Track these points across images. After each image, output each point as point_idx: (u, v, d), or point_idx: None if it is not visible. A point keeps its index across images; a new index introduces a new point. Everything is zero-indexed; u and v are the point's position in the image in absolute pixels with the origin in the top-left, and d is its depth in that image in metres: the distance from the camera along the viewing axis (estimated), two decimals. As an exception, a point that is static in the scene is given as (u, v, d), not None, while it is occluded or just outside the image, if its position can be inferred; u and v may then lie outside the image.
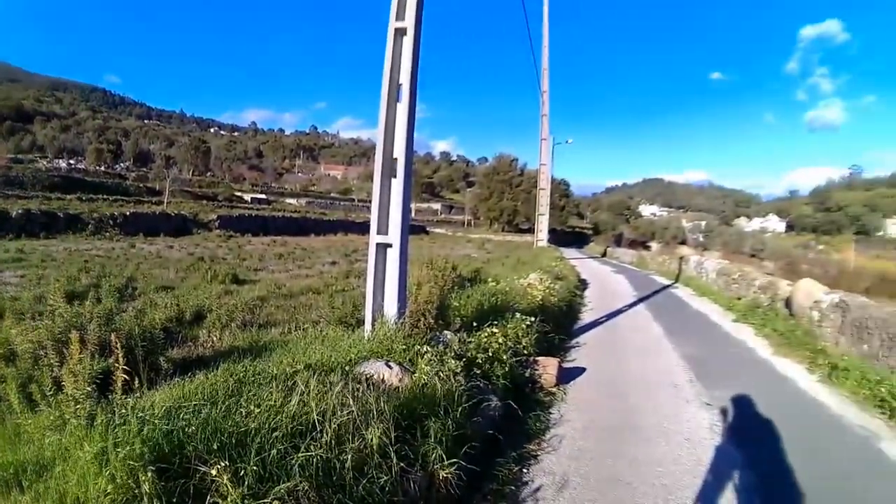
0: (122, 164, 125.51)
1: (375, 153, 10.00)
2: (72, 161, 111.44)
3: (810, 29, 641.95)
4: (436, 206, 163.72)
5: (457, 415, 6.52)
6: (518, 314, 11.94)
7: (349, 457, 4.97)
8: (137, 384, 5.60)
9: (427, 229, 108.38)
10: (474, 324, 10.62)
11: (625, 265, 49.48)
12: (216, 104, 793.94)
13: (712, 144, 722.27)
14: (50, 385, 5.55)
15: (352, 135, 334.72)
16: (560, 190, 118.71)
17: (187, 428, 4.85)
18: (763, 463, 7.16)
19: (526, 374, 10.11)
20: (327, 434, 5.15)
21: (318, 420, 5.35)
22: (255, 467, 4.43)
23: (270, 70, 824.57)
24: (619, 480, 6.55)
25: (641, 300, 23.67)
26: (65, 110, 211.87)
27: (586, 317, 18.87)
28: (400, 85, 9.78)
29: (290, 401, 5.63)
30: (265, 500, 4.19)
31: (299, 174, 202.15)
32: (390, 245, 9.78)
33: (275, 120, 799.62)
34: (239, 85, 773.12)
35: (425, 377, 7.26)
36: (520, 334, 11.04)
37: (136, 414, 4.88)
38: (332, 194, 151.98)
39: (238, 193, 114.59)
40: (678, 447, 7.63)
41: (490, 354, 9.33)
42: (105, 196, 74.48)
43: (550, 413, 9.03)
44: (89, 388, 5.22)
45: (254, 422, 5.11)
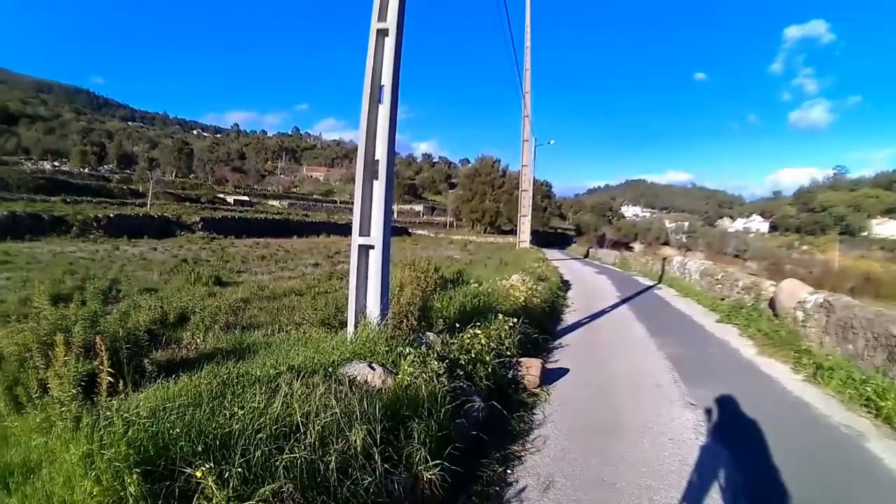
0: (107, 166, 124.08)
1: (357, 155, 10.04)
2: (56, 163, 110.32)
3: (795, 29, 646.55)
4: (418, 208, 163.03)
5: (440, 416, 6.54)
6: (501, 315, 12.02)
7: (333, 458, 4.99)
8: (122, 386, 5.53)
9: (409, 231, 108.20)
10: (457, 325, 10.69)
11: (608, 266, 49.43)
12: (199, 106, 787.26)
13: (695, 146, 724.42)
14: (36, 387, 5.58)
15: (334, 136, 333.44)
16: (542, 191, 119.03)
17: (172, 430, 4.86)
18: (748, 463, 7.17)
19: (509, 376, 10.09)
20: (311, 435, 5.18)
21: (302, 422, 5.37)
22: (240, 469, 4.46)
23: (253, 72, 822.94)
24: (604, 481, 6.57)
25: (624, 301, 23.59)
26: (49, 112, 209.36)
27: (569, 318, 18.89)
28: (382, 86, 9.82)
29: (274, 402, 5.65)
30: (250, 502, 4.22)
31: (282, 176, 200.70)
32: (372, 247, 9.84)
33: (257, 122, 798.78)
34: (221, 87, 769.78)
35: (408, 378, 7.28)
36: (503, 335, 11.13)
37: (121, 416, 4.88)
38: (315, 196, 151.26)
39: (221, 195, 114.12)
40: (662, 447, 7.63)
41: (473, 356, 9.37)
42: (89, 198, 74.17)
43: (534, 414, 9.00)
44: (75, 391, 5.24)
45: (238, 423, 5.12)
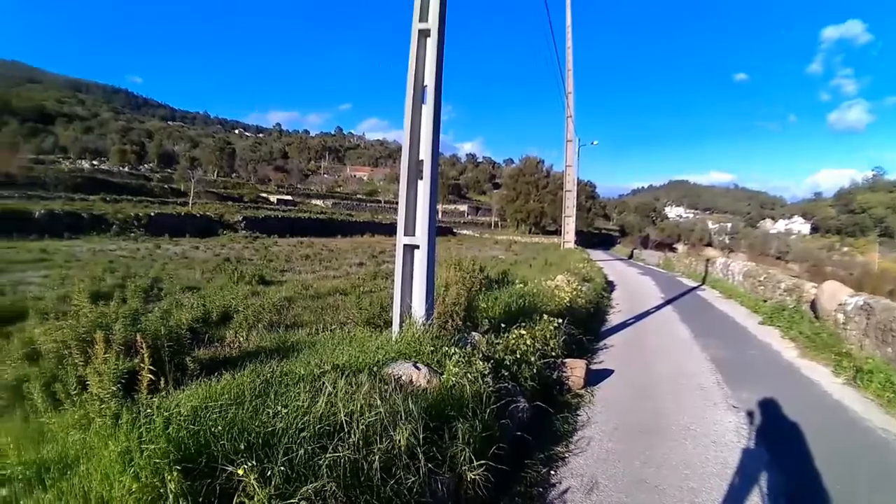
0: (147, 165, 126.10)
1: (401, 155, 10.06)
2: (95, 162, 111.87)
3: (832, 30, 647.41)
4: (462, 208, 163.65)
5: (485, 416, 6.56)
6: (546, 316, 12.04)
7: (377, 458, 4.99)
8: (163, 384, 5.60)
9: (454, 231, 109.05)
10: (502, 325, 10.74)
11: (651, 267, 49.69)
12: (240, 106, 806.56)
13: (737, 146, 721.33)
14: (75, 384, 5.64)
15: (378, 136, 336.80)
16: (586, 192, 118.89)
17: (213, 428, 4.89)
18: (789, 466, 7.21)
19: (554, 376, 10.18)
20: (355, 435, 5.17)
21: (346, 421, 5.37)
22: (283, 467, 4.46)
23: (295, 72, 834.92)
24: (647, 483, 6.64)
25: (668, 302, 23.89)
26: (87, 111, 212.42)
27: (614, 319, 19.07)
28: (425, 87, 9.84)
29: (318, 401, 5.67)
30: (292, 500, 4.22)
31: (325, 175, 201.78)
32: (417, 246, 9.86)
33: (299, 121, 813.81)
34: (263, 87, 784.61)
35: (453, 378, 7.30)
36: (547, 336, 11.17)
37: (162, 413, 4.90)
38: (359, 195, 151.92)
39: (264, 195, 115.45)
40: (705, 449, 7.72)
41: (518, 356, 9.40)
42: (129, 197, 75.39)
43: (578, 415, 9.13)
44: (114, 388, 5.31)
45: (281, 422, 5.16)
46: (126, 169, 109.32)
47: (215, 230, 64.13)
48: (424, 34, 9.84)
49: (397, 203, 10.17)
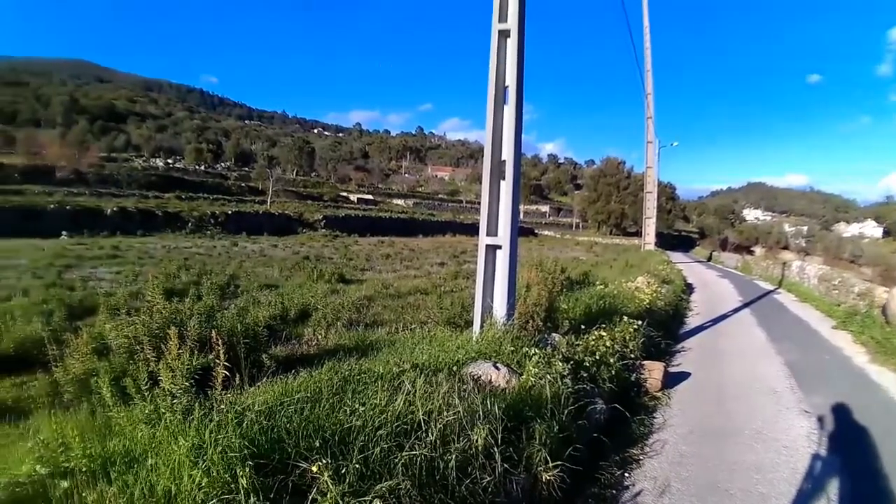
0: (224, 164, 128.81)
1: (484, 155, 10.17)
2: (169, 160, 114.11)
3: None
4: (544, 209, 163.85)
5: (562, 417, 6.61)
6: (625, 317, 12.15)
7: (453, 457, 5.00)
8: (238, 381, 5.71)
9: (535, 231, 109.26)
10: (582, 326, 10.84)
11: (729, 270, 50.06)
12: (320, 105, 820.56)
13: (812, 148, 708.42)
14: (145, 379, 5.72)
15: (459, 136, 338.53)
16: (667, 193, 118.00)
17: (288, 424, 4.94)
18: (859, 473, 7.24)
19: (632, 378, 10.25)
20: (432, 434, 5.20)
21: (424, 420, 5.41)
22: (358, 465, 4.46)
23: (375, 72, 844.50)
24: (718, 487, 6.74)
25: (745, 305, 24.11)
26: (160, 110, 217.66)
27: (692, 321, 19.27)
28: (506, 87, 9.90)
29: (396, 400, 5.69)
30: (365, 498, 4.21)
31: (406, 175, 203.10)
32: (499, 247, 9.95)
33: (380, 121, 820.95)
34: (344, 87, 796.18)
35: (532, 379, 7.33)
36: (627, 338, 11.22)
37: (236, 409, 4.99)
38: (440, 195, 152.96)
39: (344, 194, 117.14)
40: (776, 454, 7.79)
41: (597, 357, 9.44)
42: (206, 195, 77.12)
43: (654, 417, 9.30)
44: (187, 384, 5.34)
45: (358, 420, 5.17)
46: (202, 167, 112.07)
47: (294, 229, 65.38)
48: (504, 35, 9.90)
49: (479, 203, 10.24)
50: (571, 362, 8.45)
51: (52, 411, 6.02)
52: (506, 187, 9.81)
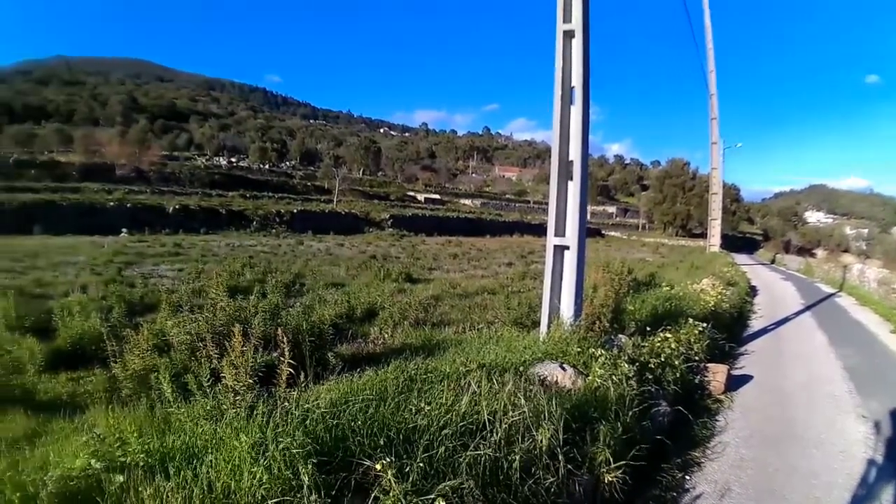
0: (288, 163, 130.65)
1: (551, 156, 10.26)
2: (233, 159, 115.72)
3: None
4: (610, 210, 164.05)
5: (626, 419, 6.71)
6: (691, 319, 12.26)
7: (517, 457, 5.04)
8: (303, 378, 5.75)
9: (602, 232, 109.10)
10: (647, 328, 10.91)
11: (792, 272, 50.32)
12: (386, 105, 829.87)
13: (871, 150, 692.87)
14: (208, 376, 5.79)
15: (526, 136, 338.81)
16: (731, 195, 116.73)
17: (353, 422, 4.98)
18: None
19: (696, 380, 10.39)
20: (497, 433, 5.22)
21: (489, 419, 5.43)
22: (422, 464, 4.49)
23: (441, 72, 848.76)
24: (775, 491, 6.90)
25: (807, 308, 24.38)
26: (223, 109, 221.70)
27: (755, 324, 19.40)
28: (572, 88, 9.98)
29: (462, 399, 5.74)
30: (428, 497, 4.22)
31: (474, 175, 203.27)
32: (567, 247, 10.04)
33: (446, 121, 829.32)
34: (410, 87, 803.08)
35: (598, 380, 7.46)
36: (692, 340, 11.34)
37: (300, 406, 5.07)
38: (508, 196, 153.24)
39: (411, 193, 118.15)
40: (833, 459, 7.94)
41: (663, 359, 9.55)
42: (270, 194, 78.36)
43: (717, 420, 9.47)
44: (250, 381, 5.42)
45: (423, 419, 5.22)
46: (266, 166, 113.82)
47: (361, 228, 66.05)
48: (569, 35, 9.97)
49: (546, 204, 10.34)
50: (637, 364, 8.60)
51: (109, 406, 6.12)
52: (573, 188, 9.92)
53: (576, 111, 9.88)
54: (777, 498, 6.70)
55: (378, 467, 4.25)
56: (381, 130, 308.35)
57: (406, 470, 4.39)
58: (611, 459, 5.83)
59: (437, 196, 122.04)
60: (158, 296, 15.15)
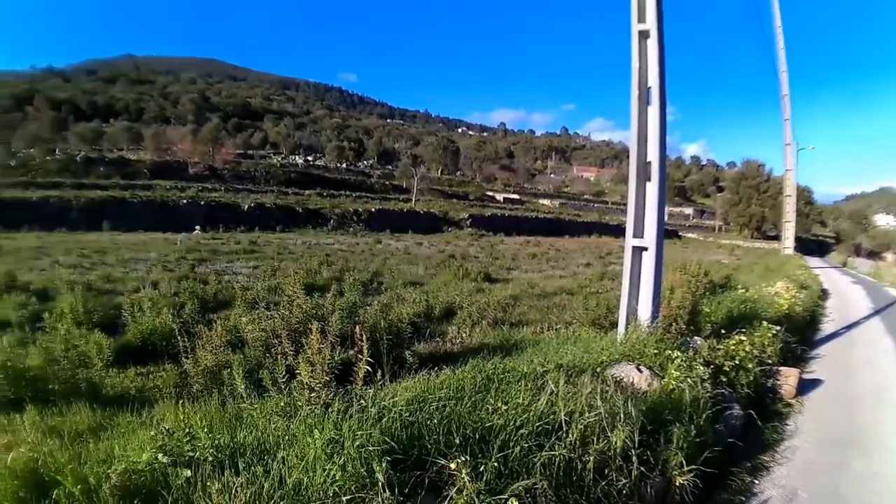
0: (366, 162, 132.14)
1: (629, 156, 10.30)
2: (309, 158, 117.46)
3: None
4: (687, 211, 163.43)
5: (700, 422, 6.77)
6: (764, 322, 12.15)
7: (592, 458, 5.07)
8: (380, 376, 5.82)
9: (679, 234, 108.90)
10: (722, 330, 11.04)
11: (863, 276, 49.21)
12: (463, 105, 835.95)
13: None
14: (283, 372, 5.89)
15: (603, 136, 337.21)
16: (804, 197, 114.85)
17: (429, 421, 5.04)
18: None
19: (768, 384, 10.43)
20: (573, 434, 5.24)
21: (566, 420, 5.43)
22: (496, 464, 4.51)
23: (519, 72, 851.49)
24: (840, 495, 7.05)
25: (876, 313, 24.20)
26: (298, 108, 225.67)
27: (826, 327, 19.35)
28: (649, 88, 10.03)
29: (539, 400, 5.75)
30: (502, 496, 4.24)
31: (552, 175, 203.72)
32: (645, 248, 10.09)
33: (524, 121, 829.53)
34: (487, 86, 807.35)
35: (673, 382, 7.56)
36: (765, 343, 11.36)
37: (377, 404, 5.12)
38: (586, 196, 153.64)
39: (489, 193, 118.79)
40: None
41: (737, 362, 9.57)
42: (348, 192, 79.46)
43: (787, 424, 9.54)
44: (327, 378, 5.47)
45: (500, 419, 5.24)
46: (343, 165, 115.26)
47: (439, 227, 66.72)
48: (644, 35, 9.99)
49: (625, 204, 10.46)
50: (712, 366, 8.72)
51: (179, 401, 6.21)
52: (652, 188, 9.99)
53: (653, 111, 9.95)
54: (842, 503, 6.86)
55: (452, 466, 4.29)
56: (459, 130, 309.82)
57: (480, 469, 4.41)
58: (683, 462, 5.86)
59: (516, 196, 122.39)
60: (232, 293, 15.69)
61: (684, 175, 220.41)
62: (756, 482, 7.22)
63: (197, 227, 46.14)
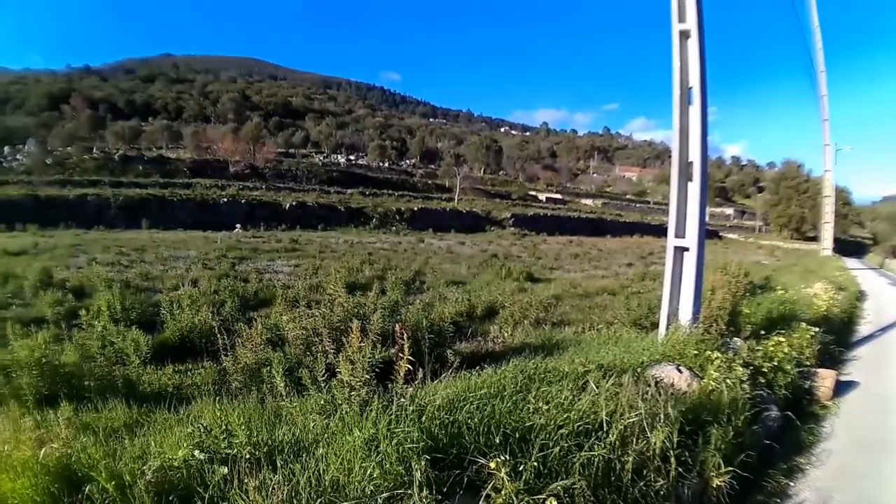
0: (408, 161, 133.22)
1: (671, 156, 10.38)
2: (351, 157, 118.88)
3: None
4: (728, 211, 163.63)
5: (738, 423, 6.84)
6: (803, 324, 12.29)
7: (631, 459, 5.10)
8: (421, 375, 5.81)
9: (720, 234, 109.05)
10: (762, 331, 10.96)
11: None
12: (506, 104, 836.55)
13: None
14: (323, 371, 5.92)
15: (645, 136, 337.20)
16: (842, 198, 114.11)
17: (469, 420, 5.04)
18: None
19: (805, 386, 10.42)
20: (613, 435, 5.26)
21: (606, 420, 5.44)
22: (535, 463, 4.52)
23: (562, 71, 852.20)
24: (874, 500, 7.15)
25: None
26: (339, 108, 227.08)
27: (862, 329, 19.16)
28: (690, 88, 10.04)
29: (580, 400, 5.76)
30: (540, 496, 4.24)
31: (594, 175, 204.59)
32: (687, 249, 10.13)
33: (566, 120, 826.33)
34: (530, 86, 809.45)
35: (713, 383, 7.61)
36: (803, 344, 11.34)
37: (416, 403, 5.15)
38: (628, 196, 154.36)
39: (532, 192, 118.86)
40: None
41: (775, 364, 9.61)
42: (390, 191, 79.93)
43: (823, 426, 9.57)
44: (367, 376, 5.50)
45: (540, 418, 5.23)
46: (386, 164, 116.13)
47: (482, 226, 67.09)
48: (685, 35, 10.02)
49: (666, 204, 10.47)
50: (751, 367, 8.84)
51: (217, 399, 6.31)
52: (693, 189, 10.02)
53: (694, 111, 9.98)
54: None
55: (492, 465, 4.29)
56: (502, 129, 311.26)
57: (520, 469, 4.42)
58: (721, 464, 5.90)
59: (559, 196, 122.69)
60: (273, 291, 15.78)
61: (725, 175, 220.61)
62: (791, 484, 7.28)
63: (238, 226, 46.56)
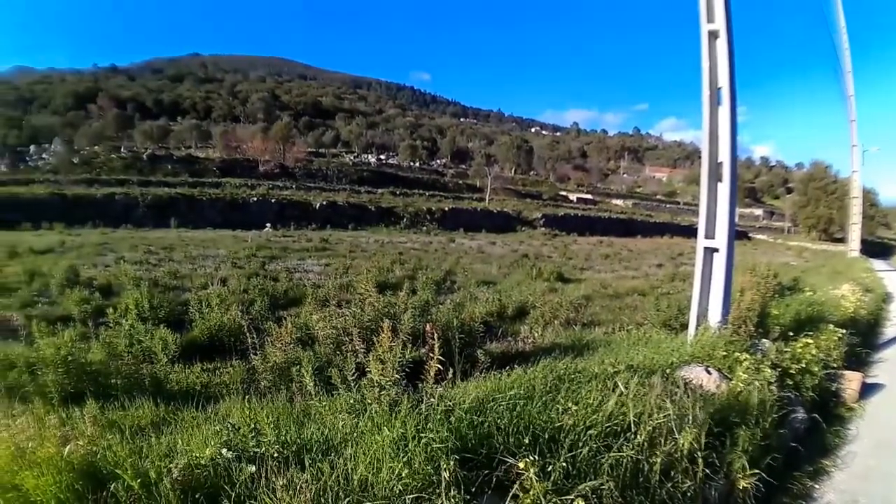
0: (439, 161, 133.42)
1: (701, 157, 10.47)
2: (382, 156, 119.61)
3: None
4: (757, 212, 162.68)
5: (765, 425, 6.90)
6: (830, 325, 12.24)
7: (658, 460, 5.12)
8: (451, 375, 5.85)
9: (749, 235, 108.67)
10: (790, 333, 10.96)
11: None
12: (536, 104, 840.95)
13: None
14: (353, 370, 5.97)
15: (675, 137, 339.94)
16: (869, 199, 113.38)
17: (499, 420, 5.07)
18: None
19: (832, 388, 10.37)
20: (641, 435, 5.27)
21: (635, 421, 5.45)
22: (564, 464, 4.55)
23: (592, 71, 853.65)
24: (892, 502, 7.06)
25: None
26: (370, 107, 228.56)
27: (889, 332, 18.86)
28: (719, 88, 10.05)
29: (609, 400, 5.76)
30: (568, 497, 4.26)
31: (625, 175, 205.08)
32: (717, 250, 10.16)
33: (597, 120, 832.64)
34: (560, 85, 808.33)
35: (741, 385, 7.62)
36: (831, 346, 11.32)
37: (445, 402, 5.16)
38: (658, 196, 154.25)
39: (563, 193, 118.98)
40: None
41: (802, 365, 9.56)
42: (421, 191, 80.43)
43: (848, 429, 9.44)
44: (397, 376, 5.54)
45: (570, 419, 5.25)
46: (416, 164, 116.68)
47: (513, 226, 67.16)
48: (714, 35, 10.05)
49: (696, 205, 10.49)
50: (779, 369, 8.76)
51: (245, 398, 6.36)
52: (723, 189, 10.03)
53: (723, 112, 9.98)
54: None
55: (521, 465, 4.30)
56: (533, 130, 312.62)
57: (548, 469, 4.46)
58: (747, 465, 5.91)
59: (589, 196, 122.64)
60: (303, 290, 15.91)
61: (754, 176, 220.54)
62: (816, 487, 7.27)
63: (268, 225, 46.91)
